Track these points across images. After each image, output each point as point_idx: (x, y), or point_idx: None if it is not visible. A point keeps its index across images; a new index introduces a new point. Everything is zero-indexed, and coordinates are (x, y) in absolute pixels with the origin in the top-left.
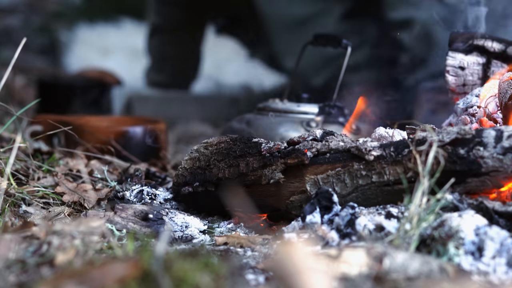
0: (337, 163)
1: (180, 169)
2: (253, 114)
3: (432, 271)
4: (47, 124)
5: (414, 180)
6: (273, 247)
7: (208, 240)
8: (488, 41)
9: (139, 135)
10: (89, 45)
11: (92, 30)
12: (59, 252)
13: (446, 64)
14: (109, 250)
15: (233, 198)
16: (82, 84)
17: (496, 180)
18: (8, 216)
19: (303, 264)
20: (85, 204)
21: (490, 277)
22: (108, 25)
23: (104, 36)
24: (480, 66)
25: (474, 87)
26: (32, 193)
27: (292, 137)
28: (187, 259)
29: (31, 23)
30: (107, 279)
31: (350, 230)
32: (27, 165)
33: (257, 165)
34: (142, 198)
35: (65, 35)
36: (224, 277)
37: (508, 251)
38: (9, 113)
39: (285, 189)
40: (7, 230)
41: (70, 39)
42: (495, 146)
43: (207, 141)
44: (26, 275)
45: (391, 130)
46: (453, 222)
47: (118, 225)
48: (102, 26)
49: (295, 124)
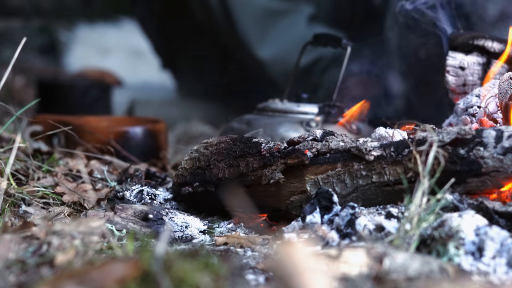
0: (337, 163)
1: (180, 169)
2: (253, 115)
3: (432, 271)
4: (47, 124)
5: (414, 180)
6: (273, 247)
7: (208, 240)
8: (488, 41)
9: (139, 135)
10: (89, 45)
11: (92, 30)
12: (59, 252)
13: (446, 64)
14: (109, 250)
15: (233, 198)
16: (82, 84)
17: (496, 180)
18: (8, 216)
19: (303, 264)
20: (85, 204)
21: (490, 277)
22: (108, 25)
23: (104, 36)
24: (480, 66)
25: (474, 87)
26: (32, 193)
27: (292, 137)
28: (187, 259)
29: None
30: (107, 279)
31: (350, 230)
32: (27, 165)
33: (257, 165)
34: (142, 198)
35: (65, 35)
36: (224, 277)
37: (508, 251)
38: (9, 113)
39: (285, 189)
40: (7, 230)
41: (70, 39)
42: (495, 146)
43: (207, 141)
44: (26, 275)
45: (391, 130)
46: (453, 222)
47: (118, 225)
48: (102, 26)
49: (295, 124)
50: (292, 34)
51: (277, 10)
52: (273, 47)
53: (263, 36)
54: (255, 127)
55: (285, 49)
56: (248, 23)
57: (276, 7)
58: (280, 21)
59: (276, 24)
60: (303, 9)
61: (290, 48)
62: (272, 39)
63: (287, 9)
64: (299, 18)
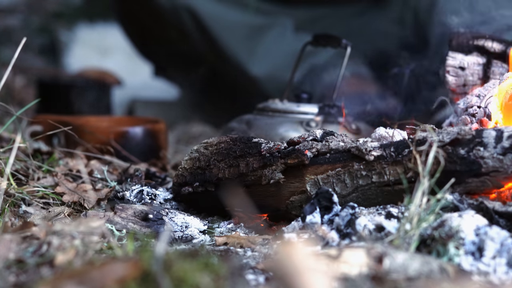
0: (337, 163)
1: (180, 169)
2: (253, 115)
3: (433, 271)
4: (47, 124)
5: (414, 180)
6: (273, 247)
7: (208, 240)
8: (488, 41)
9: (139, 135)
10: (89, 45)
11: (92, 30)
12: (59, 252)
13: (447, 64)
14: (109, 250)
15: (233, 198)
16: (82, 84)
17: (496, 180)
18: (8, 216)
19: (303, 264)
20: (85, 204)
21: (491, 277)
22: (108, 25)
23: (104, 36)
24: (481, 66)
25: (474, 87)
26: (32, 193)
27: (292, 137)
28: (187, 259)
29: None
30: (107, 279)
31: (350, 230)
32: (27, 165)
33: (257, 165)
34: (142, 198)
35: (65, 35)
36: (224, 277)
37: (508, 251)
38: (9, 113)
39: (285, 189)
40: (7, 230)
41: (70, 39)
42: (495, 147)
43: (207, 141)
44: (26, 275)
45: (391, 130)
46: (453, 222)
47: (118, 225)
48: (102, 26)
49: (295, 124)
50: (280, 48)
51: (260, 25)
52: (263, 63)
53: (252, 53)
54: (255, 127)
55: (275, 64)
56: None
57: (259, 22)
58: (265, 36)
59: (262, 39)
60: (285, 22)
61: (281, 63)
62: (261, 55)
63: (270, 23)
64: (284, 31)
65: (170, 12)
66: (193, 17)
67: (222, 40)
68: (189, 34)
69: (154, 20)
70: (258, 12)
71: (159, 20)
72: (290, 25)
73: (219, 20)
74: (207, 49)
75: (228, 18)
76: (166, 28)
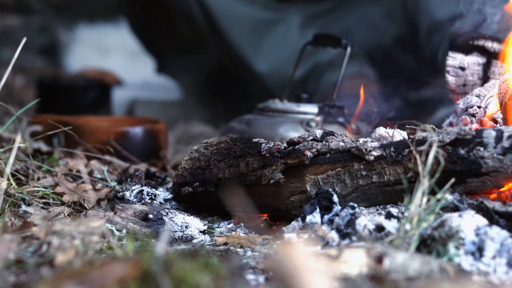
0: (337, 163)
1: (180, 169)
2: (253, 115)
3: (432, 271)
4: (47, 124)
5: (414, 180)
6: (273, 247)
7: (208, 240)
8: (488, 41)
9: (139, 135)
10: (89, 45)
11: (92, 30)
12: (59, 252)
13: (447, 64)
14: (109, 250)
15: (233, 198)
16: (82, 84)
17: (496, 180)
18: (8, 216)
19: (303, 265)
20: (85, 204)
21: (491, 277)
22: (108, 25)
23: (104, 36)
24: (481, 66)
25: (474, 87)
26: (32, 193)
27: (292, 137)
28: (187, 259)
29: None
30: (107, 279)
31: (350, 230)
32: (27, 165)
33: (257, 165)
34: (142, 198)
35: (65, 35)
36: (224, 277)
37: (508, 251)
38: (9, 113)
39: (285, 189)
40: (7, 230)
41: (70, 39)
42: (495, 147)
43: (207, 141)
44: (26, 275)
45: (391, 130)
46: (453, 222)
47: (118, 225)
48: (102, 26)
49: (295, 124)
50: (285, 44)
51: (267, 21)
52: (268, 59)
53: (257, 48)
54: (255, 127)
55: (279, 60)
56: (242, 38)
57: (266, 17)
58: (271, 32)
59: (268, 34)
60: (292, 18)
61: (285, 60)
62: (266, 51)
63: (277, 19)
64: (290, 27)
65: (180, 2)
66: (202, 7)
67: (229, 33)
68: (197, 26)
69: (162, 10)
70: (266, 7)
71: (168, 10)
72: (297, 22)
73: (227, 12)
74: (214, 41)
75: (236, 11)
76: (175, 19)
